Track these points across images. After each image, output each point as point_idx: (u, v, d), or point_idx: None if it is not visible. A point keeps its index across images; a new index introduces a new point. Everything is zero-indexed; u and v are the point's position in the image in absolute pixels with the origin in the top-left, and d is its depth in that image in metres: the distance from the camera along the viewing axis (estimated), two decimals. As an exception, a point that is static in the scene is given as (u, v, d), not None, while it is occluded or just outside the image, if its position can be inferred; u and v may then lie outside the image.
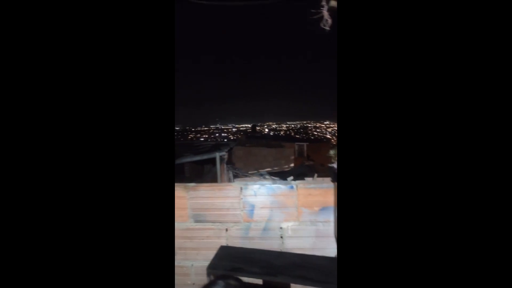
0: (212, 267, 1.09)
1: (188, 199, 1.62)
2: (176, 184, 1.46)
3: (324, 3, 1.16)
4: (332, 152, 1.60)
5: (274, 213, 1.61)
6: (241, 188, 1.62)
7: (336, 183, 1.49)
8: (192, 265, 1.62)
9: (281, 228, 1.59)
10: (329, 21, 1.18)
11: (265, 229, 1.60)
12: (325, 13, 1.17)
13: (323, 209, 1.57)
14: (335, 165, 1.48)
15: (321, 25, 1.20)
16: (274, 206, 1.61)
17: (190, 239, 1.62)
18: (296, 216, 1.59)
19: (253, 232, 1.63)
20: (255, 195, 1.62)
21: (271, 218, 1.61)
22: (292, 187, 1.59)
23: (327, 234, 1.58)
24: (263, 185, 1.61)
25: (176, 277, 1.35)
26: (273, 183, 1.64)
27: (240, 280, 0.65)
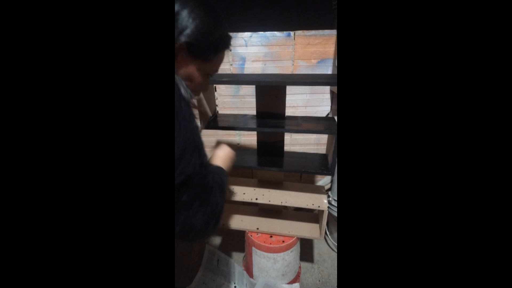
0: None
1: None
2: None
3: None
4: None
5: (267, 67, 1.46)
6: (230, 37, 1.38)
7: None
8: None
9: (275, 83, 1.48)
10: None
11: (257, 84, 1.48)
12: None
13: (321, 61, 1.43)
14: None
15: None
16: (268, 59, 1.44)
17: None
18: (291, 71, 1.46)
19: (244, 90, 1.51)
20: (246, 45, 1.40)
21: (264, 72, 1.46)
22: (289, 35, 1.38)
23: (322, 90, 1.52)
24: (255, 32, 1.37)
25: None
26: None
27: None
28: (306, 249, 1.60)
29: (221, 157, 0.70)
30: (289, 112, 1.45)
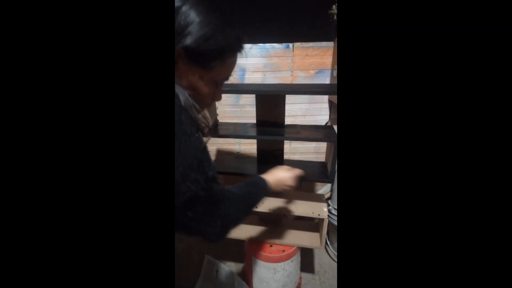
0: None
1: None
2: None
3: None
4: (334, 7, 1.37)
5: (267, 77, 1.49)
6: (231, 48, 1.42)
7: (336, 40, 1.35)
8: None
9: (274, 92, 1.51)
10: None
11: (257, 94, 1.51)
12: None
13: (319, 72, 1.47)
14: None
15: None
16: (267, 70, 1.47)
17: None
18: (290, 81, 1.50)
19: (244, 100, 1.54)
20: (246, 56, 1.44)
21: (264, 83, 1.50)
22: (288, 47, 1.42)
23: (320, 99, 1.55)
24: (255, 44, 1.41)
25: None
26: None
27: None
28: (306, 260, 1.58)
29: (276, 177, 0.73)
30: (288, 121, 1.46)
